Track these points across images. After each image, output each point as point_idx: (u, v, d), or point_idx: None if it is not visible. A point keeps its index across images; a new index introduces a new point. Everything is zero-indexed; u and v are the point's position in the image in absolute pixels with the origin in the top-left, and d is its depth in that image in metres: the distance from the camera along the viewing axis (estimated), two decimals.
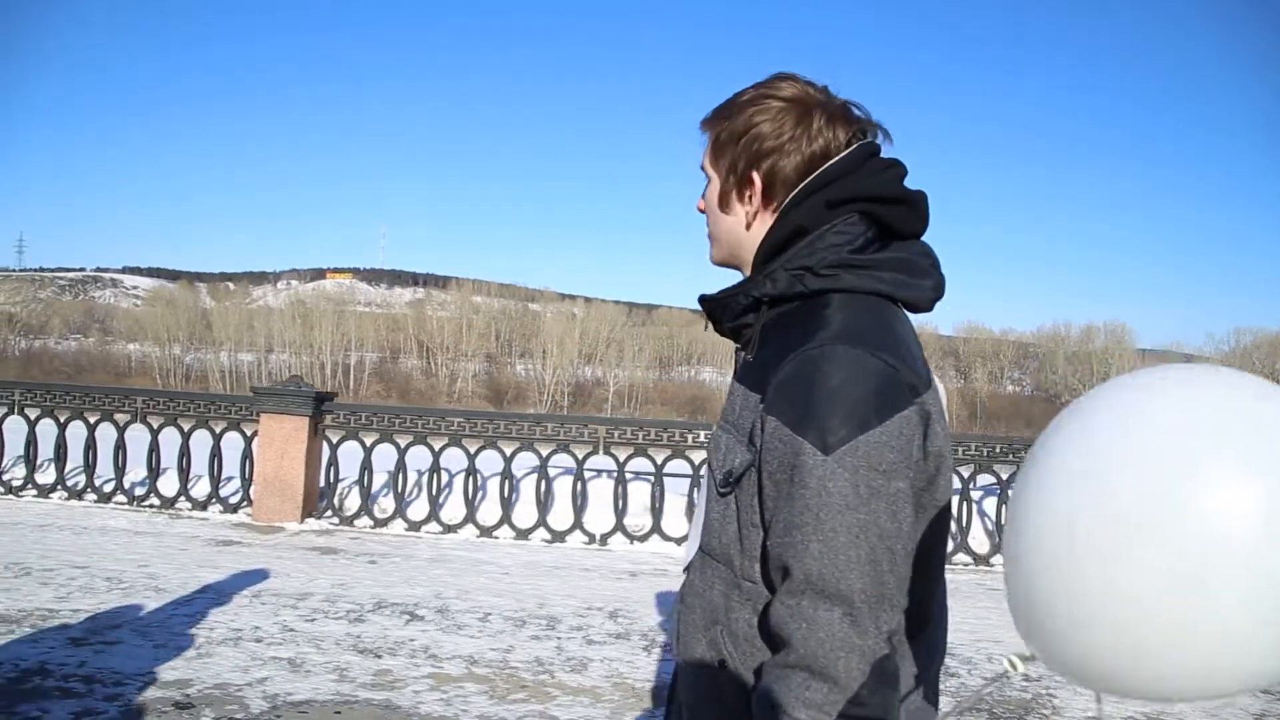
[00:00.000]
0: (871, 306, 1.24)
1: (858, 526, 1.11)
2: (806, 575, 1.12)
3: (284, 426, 8.39)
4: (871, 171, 1.30)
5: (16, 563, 6.58)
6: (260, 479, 8.47)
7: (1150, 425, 0.91)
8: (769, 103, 1.31)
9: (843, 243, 1.26)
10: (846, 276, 1.25)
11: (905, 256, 1.28)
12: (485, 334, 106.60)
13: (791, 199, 1.29)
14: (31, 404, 9.09)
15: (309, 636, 5.29)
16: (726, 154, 1.33)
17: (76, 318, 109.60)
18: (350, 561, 7.30)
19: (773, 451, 1.17)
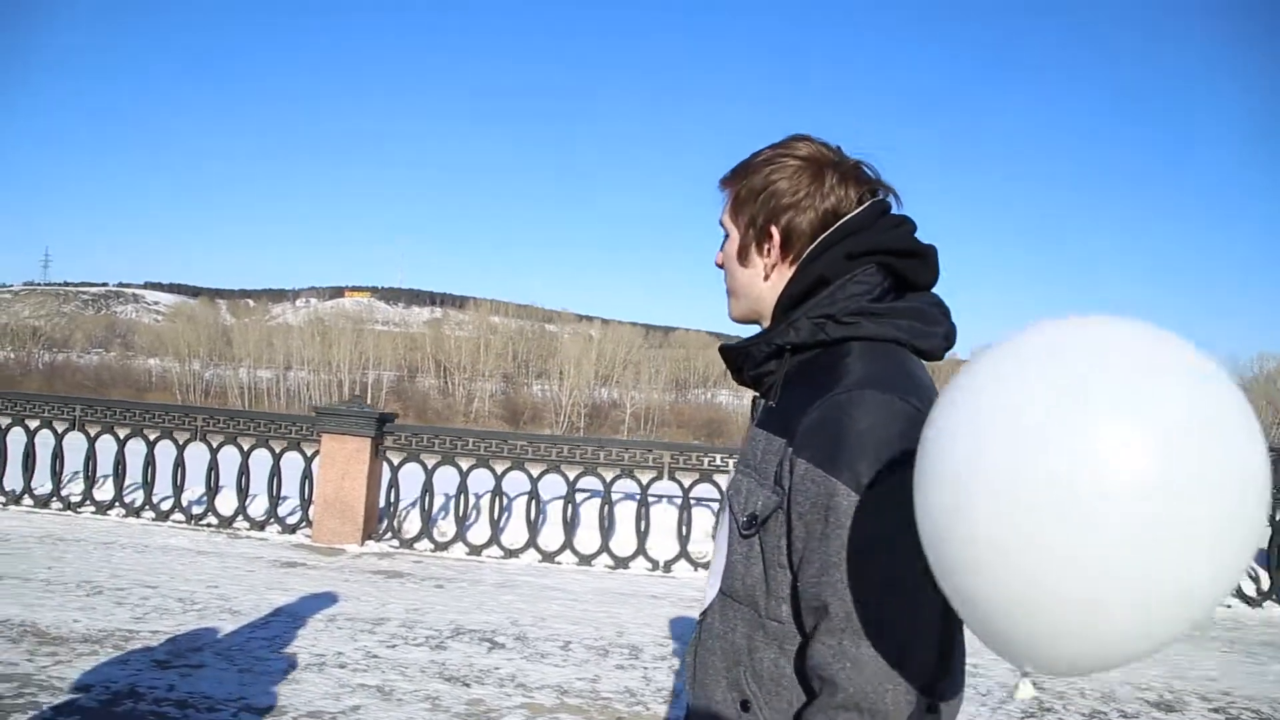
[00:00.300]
0: (891, 353, 1.29)
1: (891, 564, 1.14)
2: (848, 614, 1.15)
3: (345, 447, 8.35)
4: (885, 227, 1.37)
5: (87, 581, 6.56)
6: (321, 500, 8.42)
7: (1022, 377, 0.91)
8: (785, 161, 1.38)
9: (862, 292, 1.33)
10: (867, 324, 1.30)
11: (920, 306, 1.34)
12: (502, 354, 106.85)
13: (811, 251, 1.36)
14: (92, 420, 9.09)
15: (393, 663, 5.23)
16: (746, 210, 1.40)
17: (99, 332, 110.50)
18: (418, 586, 7.23)
19: (804, 493, 1.21)
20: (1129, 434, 0.83)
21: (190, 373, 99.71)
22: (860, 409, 1.20)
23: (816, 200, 1.36)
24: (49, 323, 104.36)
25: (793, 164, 1.38)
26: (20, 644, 5.10)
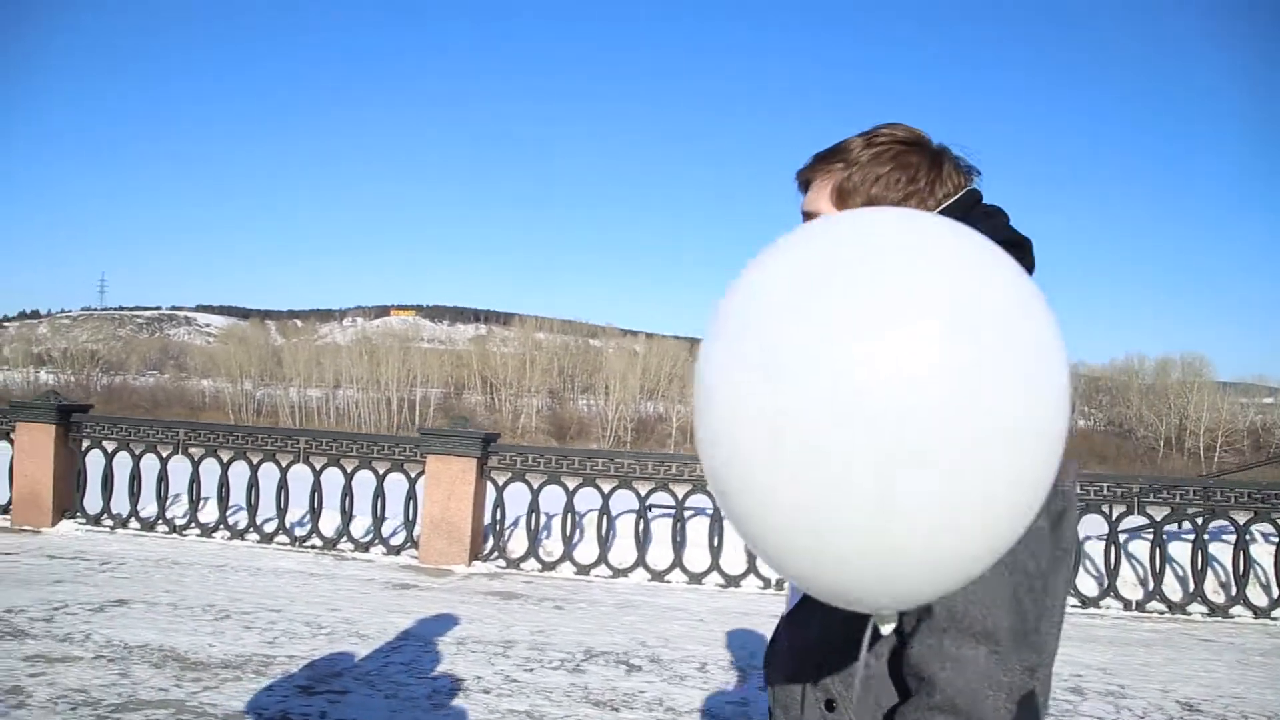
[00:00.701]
0: None
1: (1003, 565, 1.08)
2: (951, 613, 1.12)
3: (451, 468, 8.32)
4: (980, 216, 1.31)
5: (210, 604, 6.58)
6: (427, 521, 8.40)
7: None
8: (897, 146, 1.34)
9: None
10: None
11: None
12: (548, 370, 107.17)
13: None
14: (195, 443, 9.16)
15: (535, 687, 5.16)
16: (857, 196, 1.34)
17: (153, 354, 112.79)
18: (536, 607, 7.17)
19: None
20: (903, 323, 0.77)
21: (242, 393, 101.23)
22: None
23: (935, 188, 1.33)
24: (106, 346, 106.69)
25: (905, 149, 1.34)
26: (164, 669, 5.11)
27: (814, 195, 1.39)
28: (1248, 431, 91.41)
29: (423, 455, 8.48)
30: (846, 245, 0.85)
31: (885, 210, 0.97)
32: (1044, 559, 1.16)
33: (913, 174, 1.33)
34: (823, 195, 1.37)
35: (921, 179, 1.33)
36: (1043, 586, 1.16)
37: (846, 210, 1.33)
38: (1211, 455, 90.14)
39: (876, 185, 1.33)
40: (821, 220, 0.99)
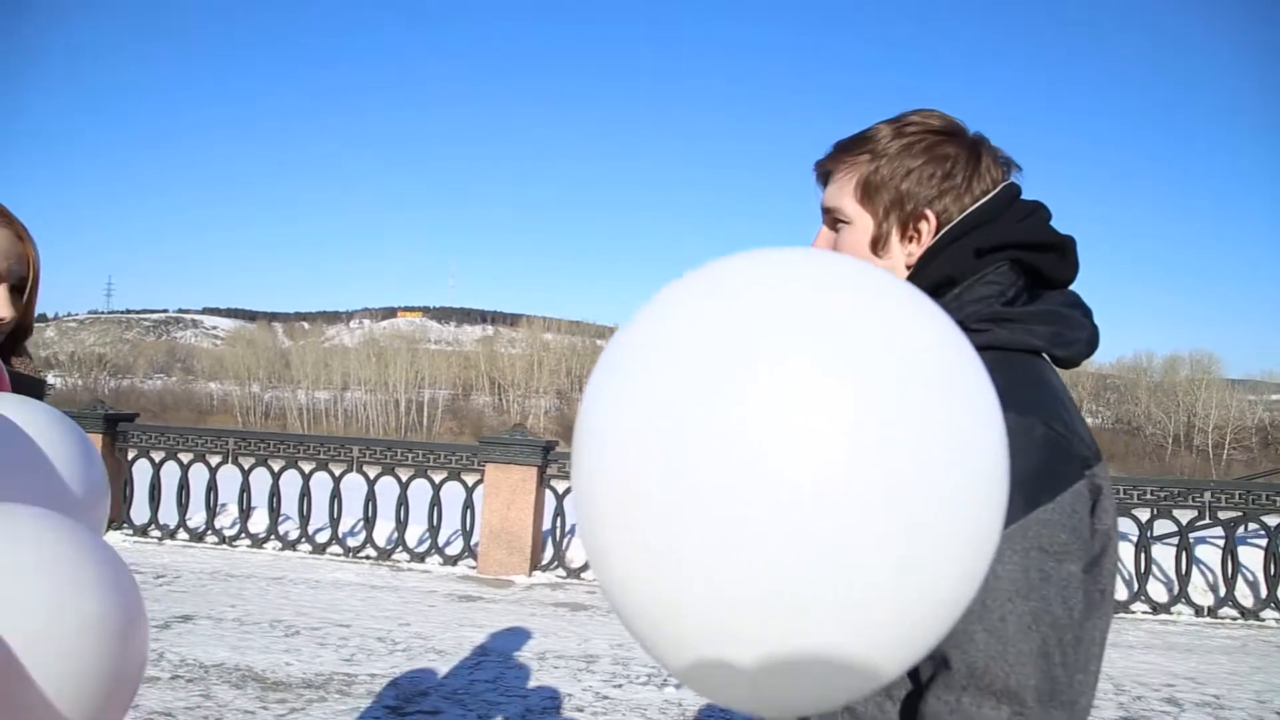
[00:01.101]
0: (1026, 365, 1.14)
1: (1029, 615, 0.99)
2: (971, 669, 1.00)
3: (511, 477, 8.19)
4: (1017, 216, 1.21)
5: (278, 620, 6.45)
6: (486, 531, 8.26)
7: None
8: (933, 138, 1.21)
9: (993, 294, 1.17)
10: (999, 331, 1.14)
11: (1058, 308, 1.18)
12: (556, 370, 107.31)
13: (934, 244, 1.20)
14: (245, 453, 9.04)
15: (630, 704, 5.03)
16: (884, 192, 1.21)
17: (160, 357, 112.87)
18: (606, 619, 7.03)
19: None
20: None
21: (250, 395, 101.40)
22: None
23: (973, 183, 1.20)
24: (113, 349, 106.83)
25: (940, 139, 1.21)
26: (245, 690, 4.99)
27: (836, 190, 1.26)
28: (1256, 429, 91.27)
29: (481, 464, 8.35)
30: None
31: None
32: (1077, 606, 1.03)
33: (949, 168, 1.20)
34: (846, 191, 1.25)
35: (958, 173, 1.20)
36: (1075, 638, 1.04)
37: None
38: (1220, 453, 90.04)
39: (908, 180, 1.20)
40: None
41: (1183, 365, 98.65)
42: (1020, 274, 1.20)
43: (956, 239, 1.19)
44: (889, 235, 1.23)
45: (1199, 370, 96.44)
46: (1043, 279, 1.22)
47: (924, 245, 1.21)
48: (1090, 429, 1.16)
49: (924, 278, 1.19)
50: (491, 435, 8.48)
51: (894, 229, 1.22)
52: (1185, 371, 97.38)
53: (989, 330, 1.14)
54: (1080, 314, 1.20)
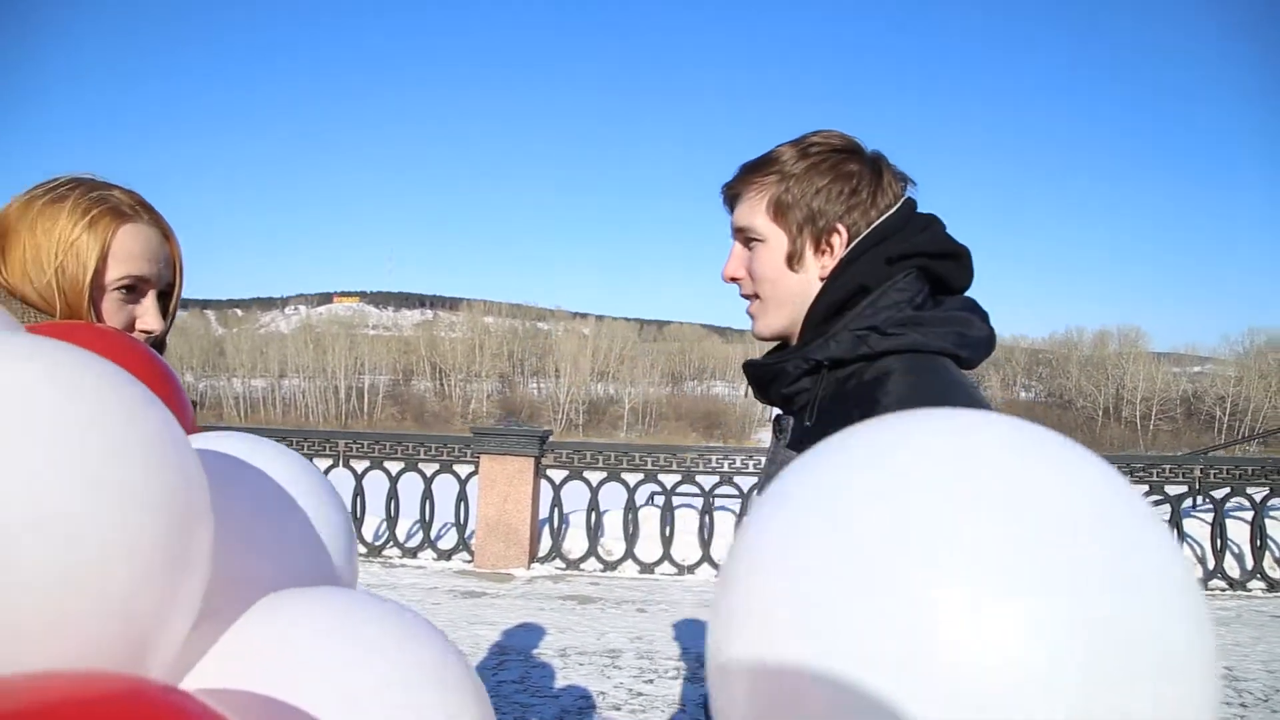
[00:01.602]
0: (937, 366, 1.21)
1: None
2: None
3: (506, 468, 8.03)
4: (919, 226, 1.29)
5: None
6: (483, 523, 8.10)
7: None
8: (836, 156, 1.29)
9: (904, 300, 1.24)
10: (913, 334, 1.21)
11: (961, 313, 1.25)
12: (498, 354, 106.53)
13: (847, 255, 1.27)
14: None
15: (667, 700, 4.97)
16: (797, 210, 1.28)
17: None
18: (617, 610, 6.95)
19: None
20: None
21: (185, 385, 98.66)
22: None
23: (878, 197, 1.28)
24: None
25: (843, 157, 1.29)
26: None
27: (747, 210, 1.32)
28: (1180, 400, 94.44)
29: (474, 455, 8.17)
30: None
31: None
32: None
33: (854, 184, 1.27)
34: (757, 210, 1.31)
35: (864, 189, 1.28)
36: None
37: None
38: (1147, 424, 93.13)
39: (818, 198, 1.27)
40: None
41: (1111, 339, 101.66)
42: (925, 281, 1.27)
43: (867, 249, 1.25)
44: (803, 250, 1.29)
45: (1127, 344, 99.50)
46: (942, 285, 1.29)
47: (836, 257, 1.27)
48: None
49: (839, 286, 1.26)
50: (485, 425, 8.32)
51: (807, 244, 1.29)
52: (1114, 345, 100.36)
53: (903, 333, 1.20)
54: (978, 318, 1.27)
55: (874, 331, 1.22)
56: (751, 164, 1.33)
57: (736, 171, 1.35)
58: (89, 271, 1.32)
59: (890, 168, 1.31)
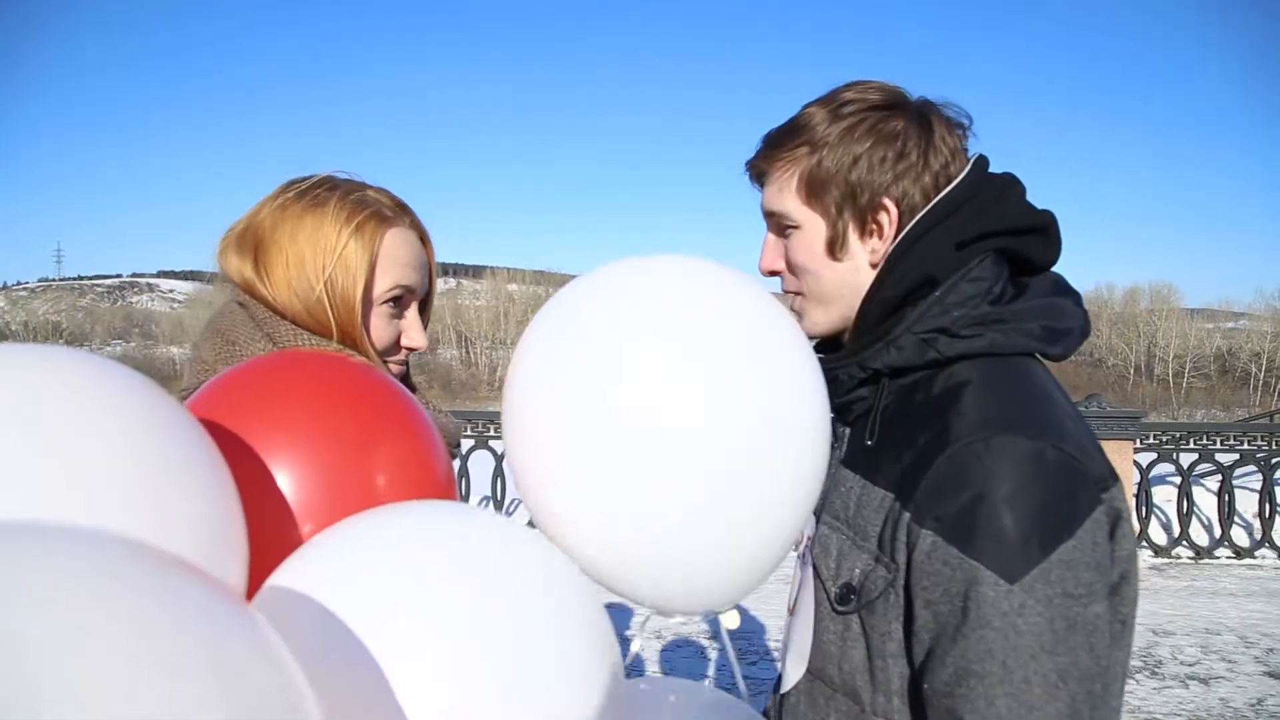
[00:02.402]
0: (1020, 372, 1.04)
1: (1055, 673, 0.89)
2: None
3: None
4: (992, 194, 1.08)
5: None
6: None
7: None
8: (875, 115, 1.08)
9: (979, 293, 1.05)
10: (991, 335, 1.03)
11: (1052, 301, 1.06)
12: (523, 321, 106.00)
13: (905, 237, 1.07)
14: None
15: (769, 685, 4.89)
16: (832, 188, 1.08)
17: (117, 324, 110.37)
18: None
19: (933, 576, 0.95)
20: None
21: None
22: (1001, 462, 0.93)
23: (930, 158, 1.07)
24: (68, 318, 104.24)
25: (884, 114, 1.08)
26: None
27: (775, 192, 1.13)
28: (1214, 357, 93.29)
29: None
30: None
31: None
32: (1103, 649, 0.93)
33: (900, 146, 1.07)
34: (788, 191, 1.11)
35: (912, 150, 1.07)
36: (1104, 686, 0.94)
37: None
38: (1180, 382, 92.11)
39: (856, 169, 1.07)
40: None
41: (1142, 296, 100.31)
42: (1004, 264, 1.08)
43: (930, 228, 1.06)
44: (845, 234, 1.10)
45: (1158, 301, 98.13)
46: (1024, 264, 1.10)
47: (888, 239, 1.09)
48: (1096, 440, 1.04)
49: (898, 279, 1.07)
50: None
51: (850, 226, 1.10)
52: (1145, 302, 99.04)
53: (981, 335, 1.03)
54: (1071, 302, 1.09)
55: (943, 334, 1.04)
56: (776, 134, 1.14)
57: (760, 144, 1.15)
58: (359, 284, 1.18)
59: (941, 118, 1.11)
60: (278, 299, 1.17)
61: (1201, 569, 7.67)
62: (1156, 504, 8.21)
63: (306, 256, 1.17)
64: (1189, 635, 5.81)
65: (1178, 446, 8.13)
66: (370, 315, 1.22)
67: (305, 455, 0.89)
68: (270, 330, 1.16)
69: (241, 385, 0.95)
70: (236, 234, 1.21)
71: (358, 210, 1.20)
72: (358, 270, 1.18)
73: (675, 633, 5.75)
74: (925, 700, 0.98)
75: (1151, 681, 5.00)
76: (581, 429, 0.82)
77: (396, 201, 1.27)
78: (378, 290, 1.21)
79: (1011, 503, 0.92)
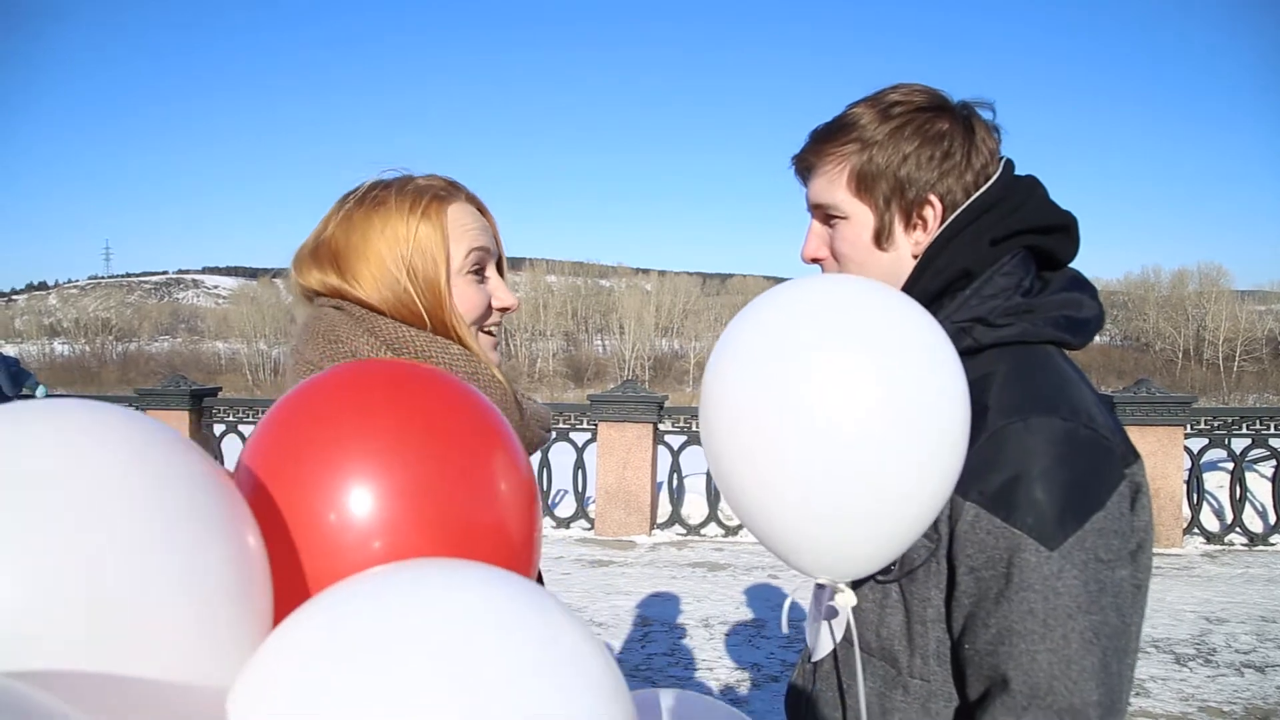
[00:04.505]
0: (1046, 359, 1.12)
1: (1090, 630, 1.00)
2: (1034, 689, 1.00)
3: (625, 435, 7.99)
4: (1021, 195, 1.17)
5: None
6: (602, 491, 8.10)
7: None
8: (922, 116, 1.15)
9: (1012, 285, 1.13)
10: (1021, 324, 1.11)
11: (1073, 294, 1.15)
12: (561, 313, 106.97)
13: (944, 232, 1.15)
14: None
15: None
16: (883, 181, 1.16)
17: (164, 319, 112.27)
18: (749, 576, 6.93)
19: (978, 545, 1.04)
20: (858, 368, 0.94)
21: (258, 353, 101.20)
22: (1038, 440, 1.02)
23: (972, 158, 1.16)
24: (117, 314, 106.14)
25: (930, 116, 1.16)
26: None
27: (825, 184, 1.19)
28: (1266, 339, 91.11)
29: (592, 423, 8.14)
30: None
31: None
32: (1128, 610, 1.03)
33: (946, 146, 1.15)
34: (838, 185, 1.18)
35: (956, 151, 1.15)
36: (1127, 642, 1.03)
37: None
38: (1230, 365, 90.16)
39: (906, 165, 1.14)
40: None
41: (1191, 279, 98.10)
42: (1032, 259, 1.17)
43: (966, 225, 1.14)
44: (892, 226, 1.18)
45: (1207, 283, 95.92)
46: (1048, 260, 1.19)
47: (931, 232, 1.17)
48: (1118, 421, 1.14)
49: (936, 272, 1.15)
50: (603, 393, 8.27)
51: (896, 219, 1.17)
52: (1193, 285, 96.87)
53: (1013, 324, 1.11)
54: (1087, 295, 1.17)
55: (980, 323, 1.12)
56: (825, 130, 1.20)
57: (807, 139, 1.22)
58: (440, 264, 1.22)
59: (982, 122, 1.19)
60: (370, 299, 1.21)
61: (1256, 555, 7.56)
62: (1209, 490, 8.09)
63: (384, 252, 1.21)
64: (1244, 623, 5.74)
65: (1230, 432, 7.99)
66: (457, 290, 1.25)
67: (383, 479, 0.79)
68: (370, 326, 1.19)
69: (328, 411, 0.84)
70: (308, 251, 1.26)
71: (417, 197, 1.24)
72: (435, 251, 1.22)
73: (723, 620, 5.80)
74: (965, 660, 1.07)
75: (1205, 669, 4.95)
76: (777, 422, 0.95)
77: (448, 181, 1.31)
78: (457, 263, 1.24)
79: (1049, 477, 1.02)
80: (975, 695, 1.07)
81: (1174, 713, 4.39)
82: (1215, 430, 7.99)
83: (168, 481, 0.60)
